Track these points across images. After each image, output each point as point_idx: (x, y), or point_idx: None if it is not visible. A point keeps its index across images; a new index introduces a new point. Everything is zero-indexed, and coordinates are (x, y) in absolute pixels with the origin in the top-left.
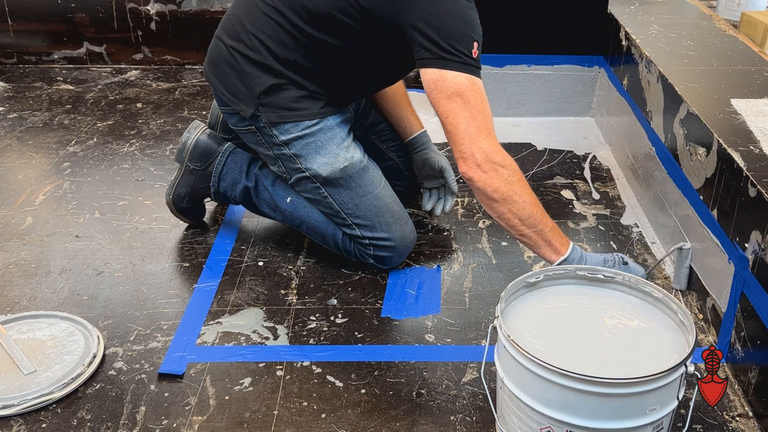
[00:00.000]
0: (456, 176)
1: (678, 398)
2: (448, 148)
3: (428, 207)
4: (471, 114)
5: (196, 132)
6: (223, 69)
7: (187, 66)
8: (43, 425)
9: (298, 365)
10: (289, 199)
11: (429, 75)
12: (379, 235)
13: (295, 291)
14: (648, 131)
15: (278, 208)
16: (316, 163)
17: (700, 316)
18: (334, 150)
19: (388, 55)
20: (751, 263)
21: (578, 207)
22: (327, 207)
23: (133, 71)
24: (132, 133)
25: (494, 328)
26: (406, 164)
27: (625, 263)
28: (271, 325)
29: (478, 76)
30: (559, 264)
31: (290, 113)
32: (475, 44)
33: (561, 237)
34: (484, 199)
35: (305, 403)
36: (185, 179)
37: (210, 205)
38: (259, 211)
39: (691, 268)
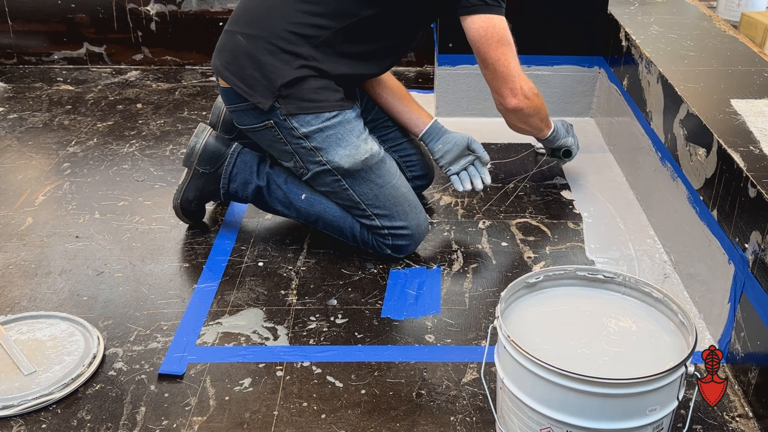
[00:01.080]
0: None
1: (678, 398)
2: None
3: (467, 186)
4: (514, 53)
5: (204, 135)
6: (241, 61)
7: (187, 66)
8: (43, 426)
9: (298, 366)
10: (303, 196)
11: (478, 22)
12: (398, 224)
13: (295, 291)
14: (648, 132)
15: (293, 205)
16: (338, 155)
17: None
18: (354, 142)
19: (421, 13)
20: (751, 263)
21: (578, 207)
22: (346, 199)
23: (133, 72)
24: (132, 133)
25: (494, 328)
26: (405, 165)
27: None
28: (271, 325)
29: None
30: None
31: (310, 104)
32: None
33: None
34: (523, 118)
35: (305, 404)
36: (194, 183)
37: (210, 206)
38: (272, 209)
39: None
